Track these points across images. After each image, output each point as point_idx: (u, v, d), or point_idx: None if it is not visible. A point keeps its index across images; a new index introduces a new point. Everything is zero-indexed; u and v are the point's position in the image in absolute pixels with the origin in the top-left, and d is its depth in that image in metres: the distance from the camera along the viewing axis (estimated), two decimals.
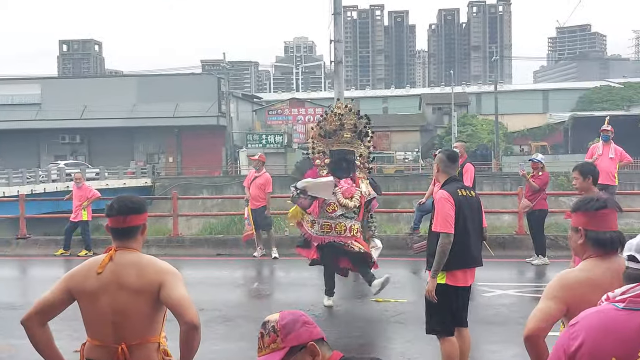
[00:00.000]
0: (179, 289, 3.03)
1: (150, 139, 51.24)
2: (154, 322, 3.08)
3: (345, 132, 7.99)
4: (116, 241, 3.14)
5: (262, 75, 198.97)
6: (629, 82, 69.09)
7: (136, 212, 3.15)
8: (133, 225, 3.14)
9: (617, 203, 2.93)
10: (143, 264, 3.09)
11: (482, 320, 7.34)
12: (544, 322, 2.76)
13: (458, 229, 4.80)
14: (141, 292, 3.01)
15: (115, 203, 3.16)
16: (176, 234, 13.33)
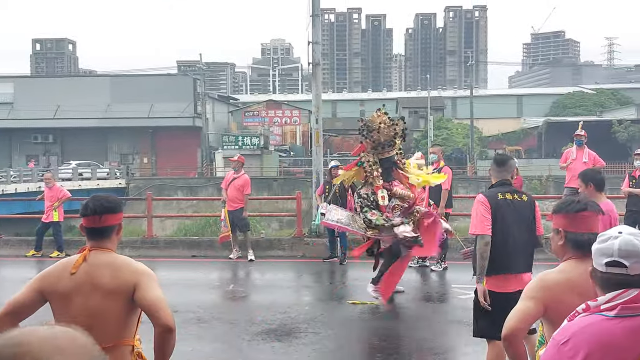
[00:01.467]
0: (154, 291, 2.98)
1: (124, 139, 50.73)
2: (128, 324, 3.03)
3: (397, 139, 8.23)
4: (90, 241, 3.08)
5: (238, 77, 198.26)
6: (601, 88, 70.21)
7: (112, 212, 3.10)
8: (108, 225, 3.09)
9: (598, 206, 2.95)
10: (118, 265, 3.03)
11: (457, 322, 7.38)
12: (523, 322, 2.79)
13: (495, 232, 4.71)
14: (115, 293, 2.95)
15: (90, 202, 3.10)
16: (150, 235, 13.19)
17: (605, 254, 2.05)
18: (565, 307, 2.24)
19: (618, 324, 1.95)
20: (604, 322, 1.97)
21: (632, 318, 1.95)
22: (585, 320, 2.01)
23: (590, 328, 1.97)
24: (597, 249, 2.09)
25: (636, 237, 2.07)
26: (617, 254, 2.03)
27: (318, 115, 13.32)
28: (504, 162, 5.04)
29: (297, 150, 52.51)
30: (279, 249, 12.54)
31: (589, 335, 1.95)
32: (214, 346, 6.49)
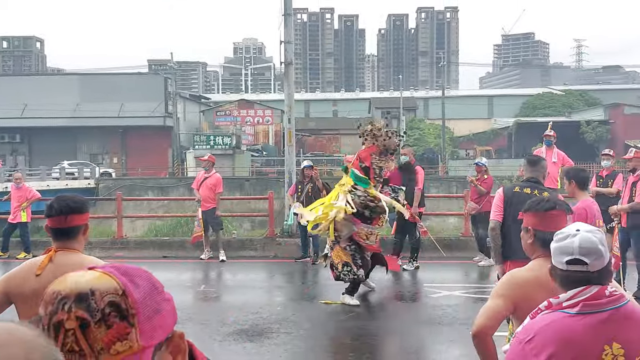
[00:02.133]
0: None
1: (93, 139, 50.03)
2: None
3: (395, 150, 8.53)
4: (56, 242, 3.03)
5: (210, 76, 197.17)
6: (570, 89, 71.36)
7: (77, 212, 3.04)
8: (74, 225, 3.04)
9: (567, 205, 2.98)
10: (84, 266, 2.95)
11: (429, 321, 7.42)
12: (492, 319, 2.80)
13: (507, 221, 5.11)
14: None
15: (55, 203, 3.04)
16: (120, 235, 13.03)
17: (566, 252, 2.06)
18: (535, 304, 2.25)
19: (579, 320, 1.97)
20: (566, 319, 1.99)
21: (593, 315, 1.98)
22: (548, 317, 2.03)
23: (552, 326, 1.99)
24: (557, 247, 2.10)
25: (594, 235, 2.10)
26: (578, 251, 2.04)
27: (290, 115, 13.30)
28: (535, 163, 5.44)
29: (270, 150, 52.38)
30: (251, 249, 12.48)
31: (552, 333, 1.98)
32: None
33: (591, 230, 2.12)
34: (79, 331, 0.96)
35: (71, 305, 0.97)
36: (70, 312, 0.97)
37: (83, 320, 0.97)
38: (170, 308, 1.09)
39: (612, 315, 1.97)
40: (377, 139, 8.27)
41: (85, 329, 0.96)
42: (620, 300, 2.01)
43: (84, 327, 0.96)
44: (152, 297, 1.05)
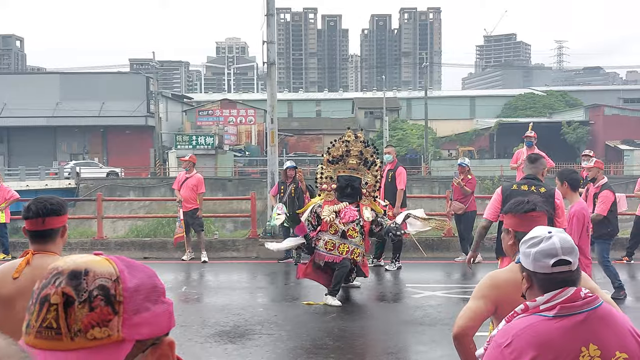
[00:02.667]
0: None
1: (74, 138, 49.59)
2: None
3: (351, 158, 8.35)
4: (34, 244, 2.99)
5: (192, 76, 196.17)
6: (551, 90, 72.00)
7: (55, 214, 3.00)
8: (52, 227, 3.00)
9: (547, 206, 3.00)
10: None
11: (410, 321, 7.43)
12: (473, 320, 2.81)
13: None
14: None
15: (32, 204, 3.00)
16: (100, 236, 12.90)
17: (550, 254, 2.05)
18: (515, 305, 2.25)
19: (557, 323, 1.98)
20: (544, 322, 1.99)
21: (570, 317, 1.98)
22: (525, 321, 2.03)
23: (530, 329, 1.99)
24: (540, 251, 2.07)
25: (566, 234, 2.13)
26: (562, 252, 2.05)
27: (273, 115, 13.27)
28: (535, 160, 5.71)
29: (253, 150, 52.27)
30: (233, 250, 12.43)
31: (530, 337, 1.97)
32: None
33: (561, 230, 2.14)
34: (62, 308, 0.94)
35: (62, 281, 0.96)
36: (59, 287, 0.96)
37: (68, 297, 0.95)
38: (165, 311, 1.04)
39: (588, 316, 1.98)
40: (328, 150, 8.56)
41: (68, 307, 0.94)
42: (595, 302, 2.02)
43: (67, 305, 0.95)
44: (147, 292, 1.02)
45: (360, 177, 8.39)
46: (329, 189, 8.37)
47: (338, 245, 8.16)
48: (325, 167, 8.49)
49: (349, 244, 8.17)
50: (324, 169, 8.49)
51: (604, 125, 52.93)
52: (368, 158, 8.42)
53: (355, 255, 8.26)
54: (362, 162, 8.39)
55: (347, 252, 8.16)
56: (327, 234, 8.19)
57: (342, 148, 8.37)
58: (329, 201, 8.33)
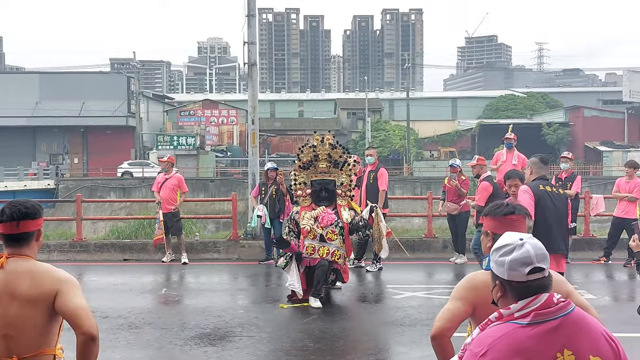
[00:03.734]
0: (76, 298, 2.89)
1: (54, 138, 49.10)
2: (49, 334, 2.93)
3: (320, 162, 8.35)
4: (8, 248, 2.97)
5: (174, 76, 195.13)
6: (532, 92, 72.69)
7: (30, 217, 2.98)
8: (27, 231, 2.98)
9: (526, 210, 3.02)
10: (37, 272, 2.92)
11: (391, 322, 7.45)
12: (451, 322, 2.82)
13: (538, 218, 5.47)
14: (35, 302, 2.86)
15: (7, 208, 2.97)
16: (80, 238, 12.78)
17: (526, 262, 2.05)
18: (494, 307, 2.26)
19: (532, 330, 1.99)
20: (519, 330, 2.00)
21: (545, 323, 1.99)
22: (500, 329, 2.03)
23: (506, 338, 1.99)
24: (514, 260, 2.06)
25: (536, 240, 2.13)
26: (536, 259, 2.05)
27: (254, 116, 13.22)
28: (547, 161, 5.94)
29: (235, 151, 52.13)
30: (214, 251, 12.38)
31: (506, 346, 1.97)
32: (145, 353, 6.33)
33: (529, 236, 2.14)
34: None
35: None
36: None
37: None
38: None
39: (562, 322, 2.00)
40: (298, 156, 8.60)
41: None
42: (568, 307, 2.03)
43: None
44: None
45: (334, 178, 8.40)
46: (304, 195, 8.39)
47: (318, 248, 8.19)
48: (297, 174, 8.50)
49: (328, 246, 8.19)
50: (296, 175, 8.51)
51: (583, 127, 53.53)
52: (337, 159, 8.41)
53: (336, 257, 8.26)
54: (332, 164, 8.39)
55: (327, 254, 8.18)
56: (306, 239, 8.21)
57: (310, 153, 8.40)
58: (306, 206, 8.35)
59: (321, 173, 8.37)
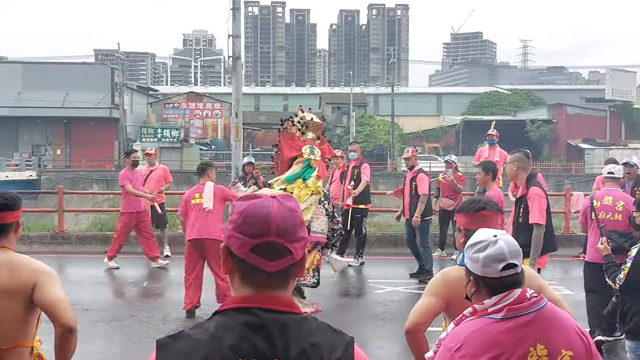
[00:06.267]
0: (54, 290, 2.89)
1: (36, 129, 48.58)
2: (27, 326, 2.94)
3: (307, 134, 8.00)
4: None
5: (158, 68, 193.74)
6: (516, 89, 73.02)
7: (9, 209, 2.99)
8: (5, 222, 2.99)
9: (497, 206, 3.06)
10: (15, 264, 2.93)
11: (372, 317, 7.51)
12: (424, 316, 2.87)
13: (548, 220, 5.68)
14: (13, 294, 2.86)
15: None
16: (61, 230, 12.69)
17: (499, 259, 2.07)
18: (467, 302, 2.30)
19: (505, 325, 2.02)
20: (492, 325, 2.03)
21: (518, 318, 2.03)
22: (474, 324, 2.06)
23: (480, 332, 2.02)
24: (488, 256, 2.08)
25: (510, 236, 2.16)
26: (510, 255, 2.08)
27: (238, 110, 13.22)
28: (530, 156, 6.03)
29: (219, 144, 51.93)
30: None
31: (480, 340, 2.00)
32: (125, 346, 6.33)
33: (504, 233, 2.17)
34: None
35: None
36: None
37: None
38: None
39: (535, 317, 2.03)
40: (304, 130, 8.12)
41: None
42: (540, 302, 2.06)
43: None
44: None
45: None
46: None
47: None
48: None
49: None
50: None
51: (566, 124, 53.94)
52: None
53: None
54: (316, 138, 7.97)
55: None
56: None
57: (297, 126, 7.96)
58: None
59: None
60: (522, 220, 5.66)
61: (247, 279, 1.47)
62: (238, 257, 1.46)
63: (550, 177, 38.09)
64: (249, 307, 1.44)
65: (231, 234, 1.47)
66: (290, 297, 1.50)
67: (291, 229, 1.46)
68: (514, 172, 5.91)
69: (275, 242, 1.44)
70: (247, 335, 1.41)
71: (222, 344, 1.39)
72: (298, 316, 1.46)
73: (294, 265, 1.49)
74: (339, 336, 1.48)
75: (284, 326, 1.43)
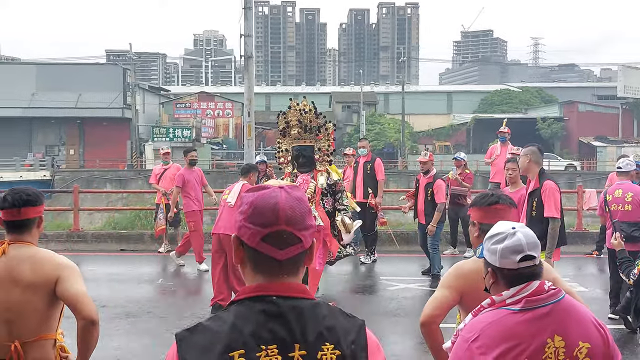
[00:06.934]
0: (76, 284, 2.95)
1: (50, 129, 48.92)
2: (50, 319, 3.00)
3: (292, 129, 8.23)
4: (10, 234, 3.03)
5: (170, 68, 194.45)
6: (527, 86, 72.67)
7: (32, 204, 3.04)
8: (28, 217, 3.04)
9: (511, 199, 3.10)
10: (38, 258, 2.98)
11: (386, 313, 7.55)
12: (439, 309, 2.92)
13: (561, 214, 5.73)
14: (36, 288, 2.92)
15: (9, 195, 3.03)
16: (77, 228, 12.83)
17: (517, 250, 2.09)
18: (481, 294, 2.32)
19: (523, 316, 2.04)
20: (510, 316, 2.05)
21: (536, 310, 2.04)
22: (491, 315, 2.08)
23: (498, 323, 2.04)
24: (506, 248, 2.10)
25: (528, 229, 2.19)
26: (527, 247, 2.10)
27: (250, 109, 13.28)
28: (542, 151, 6.02)
29: (230, 143, 52.07)
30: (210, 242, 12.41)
31: (497, 331, 2.02)
32: (143, 341, 6.41)
33: (522, 225, 2.19)
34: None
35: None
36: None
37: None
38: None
39: (553, 309, 2.04)
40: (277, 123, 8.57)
41: None
42: (558, 294, 2.08)
43: None
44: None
45: (312, 144, 8.23)
46: (286, 162, 8.36)
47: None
48: (280, 141, 8.49)
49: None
50: (280, 142, 8.50)
51: (577, 122, 53.62)
52: (308, 124, 8.26)
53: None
54: (304, 130, 8.24)
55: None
56: None
57: (282, 122, 8.36)
58: (287, 173, 8.27)
59: (296, 139, 8.25)
60: (536, 214, 5.66)
61: (259, 268, 1.52)
62: (249, 247, 1.51)
63: (561, 175, 37.92)
64: (265, 295, 1.49)
65: (242, 224, 1.52)
66: (301, 283, 1.55)
67: (299, 218, 1.51)
68: (526, 165, 5.88)
69: (284, 231, 1.49)
70: (265, 322, 1.45)
71: (242, 332, 1.44)
72: (312, 301, 1.52)
73: (304, 252, 1.54)
74: (351, 320, 1.54)
75: (300, 312, 1.48)
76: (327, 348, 1.46)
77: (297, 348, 1.45)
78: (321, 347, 1.46)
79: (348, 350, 1.48)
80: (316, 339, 1.46)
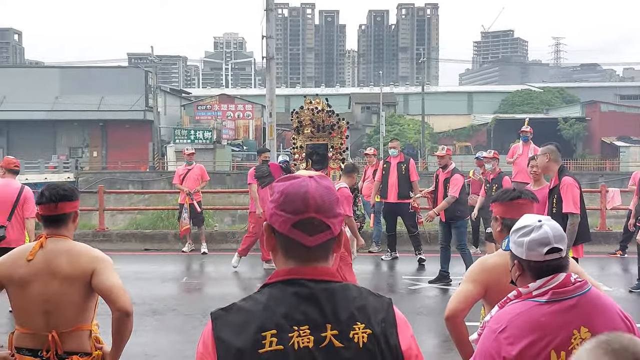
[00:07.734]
0: (112, 277, 3.05)
1: (73, 132, 49.57)
2: (86, 310, 3.09)
3: (305, 127, 8.40)
4: (47, 229, 3.13)
5: (190, 70, 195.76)
6: (548, 87, 72.00)
7: (68, 200, 3.14)
8: (64, 212, 3.14)
9: (533, 194, 3.14)
10: (75, 251, 3.08)
11: (408, 312, 7.56)
12: (463, 303, 2.95)
13: (582, 210, 5.75)
14: (73, 280, 3.01)
15: (46, 190, 3.15)
16: (102, 228, 13.03)
17: (544, 243, 2.12)
18: (504, 288, 2.36)
19: (549, 308, 2.06)
20: (537, 307, 2.08)
21: (562, 302, 2.07)
22: (519, 307, 2.11)
23: (524, 315, 2.07)
24: (533, 240, 2.13)
25: (555, 222, 2.21)
26: (554, 240, 2.13)
27: (272, 109, 13.39)
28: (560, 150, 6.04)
29: (250, 145, 52.30)
30: (233, 242, 12.54)
31: (524, 322, 2.05)
32: (170, 338, 6.52)
33: (548, 218, 2.22)
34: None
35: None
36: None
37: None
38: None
39: (579, 301, 2.06)
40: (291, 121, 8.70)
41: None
42: (585, 287, 2.11)
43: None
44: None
45: (325, 142, 8.38)
46: (300, 158, 8.47)
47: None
48: (296, 137, 8.63)
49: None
50: (295, 139, 8.63)
51: (600, 122, 53.03)
52: (320, 124, 8.39)
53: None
54: (316, 129, 8.39)
55: None
56: None
57: (295, 121, 8.53)
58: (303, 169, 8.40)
59: (309, 138, 8.40)
60: (556, 210, 5.69)
61: (290, 254, 1.58)
62: (280, 234, 1.58)
63: (584, 175, 37.56)
64: (297, 279, 1.55)
65: (273, 212, 1.58)
66: (331, 267, 1.62)
67: (328, 206, 1.57)
68: (545, 164, 5.92)
69: (314, 218, 1.55)
70: (298, 304, 1.52)
71: (275, 313, 1.51)
72: (341, 284, 1.58)
73: (333, 239, 1.60)
74: (380, 298, 1.61)
75: (331, 293, 1.55)
76: (358, 327, 1.53)
77: (329, 328, 1.51)
78: (353, 326, 1.52)
79: (378, 328, 1.55)
80: (348, 319, 1.53)
